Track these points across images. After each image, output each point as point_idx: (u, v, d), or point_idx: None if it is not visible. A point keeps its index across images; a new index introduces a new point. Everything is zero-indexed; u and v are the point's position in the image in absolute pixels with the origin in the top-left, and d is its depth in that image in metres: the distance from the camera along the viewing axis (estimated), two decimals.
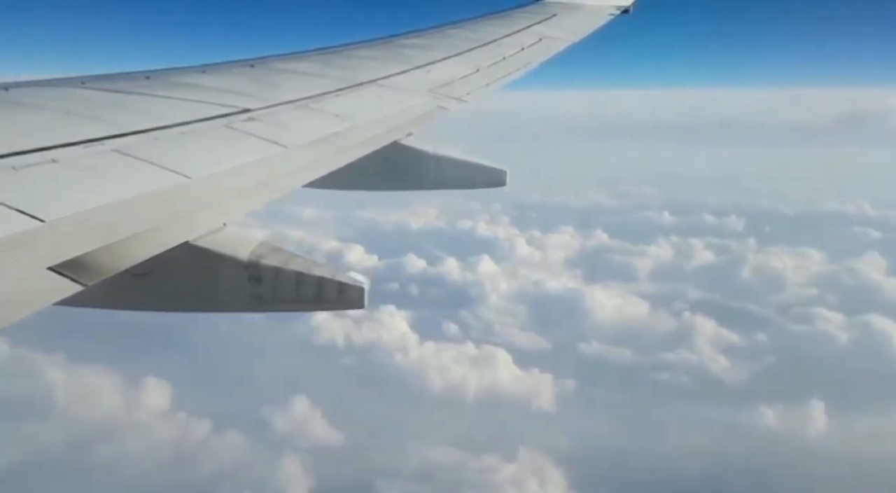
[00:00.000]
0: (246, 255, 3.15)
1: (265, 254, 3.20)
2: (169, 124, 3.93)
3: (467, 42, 8.06)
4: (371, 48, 7.50)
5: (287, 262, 3.22)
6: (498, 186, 5.74)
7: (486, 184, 5.75)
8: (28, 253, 2.28)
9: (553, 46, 8.47)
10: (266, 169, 3.78)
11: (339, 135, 4.62)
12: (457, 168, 5.64)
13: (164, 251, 2.72)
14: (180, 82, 5.09)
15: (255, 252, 3.18)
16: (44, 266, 2.25)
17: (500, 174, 5.74)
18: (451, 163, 5.60)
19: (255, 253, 3.18)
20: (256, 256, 3.17)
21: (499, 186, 5.74)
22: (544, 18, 9.71)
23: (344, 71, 6.23)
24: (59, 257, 2.32)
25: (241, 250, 3.16)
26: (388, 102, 5.69)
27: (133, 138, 3.58)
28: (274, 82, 5.53)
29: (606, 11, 10.48)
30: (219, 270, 3.11)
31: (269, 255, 3.21)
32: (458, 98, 6.19)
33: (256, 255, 3.17)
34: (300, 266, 3.22)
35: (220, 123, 4.22)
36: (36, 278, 2.20)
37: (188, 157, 3.55)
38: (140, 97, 4.52)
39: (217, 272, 3.11)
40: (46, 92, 4.38)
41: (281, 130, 4.37)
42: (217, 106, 4.51)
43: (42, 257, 2.29)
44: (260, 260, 3.16)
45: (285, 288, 3.20)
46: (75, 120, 3.76)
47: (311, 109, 5.00)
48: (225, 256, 3.09)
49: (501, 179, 5.73)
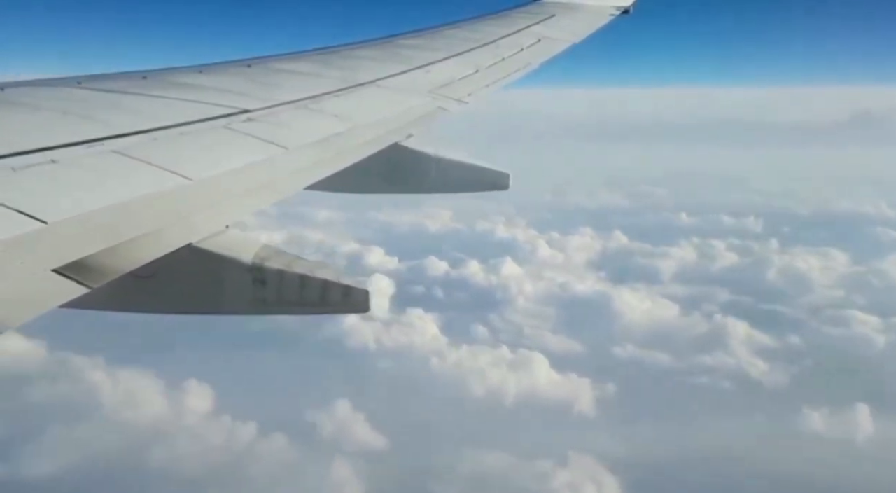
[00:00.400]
0: (249, 257, 3.12)
1: (269, 256, 3.17)
2: (168, 125, 3.90)
3: (467, 42, 8.03)
4: (370, 48, 7.47)
5: (291, 264, 3.19)
6: (500, 189, 5.69)
7: (488, 187, 5.70)
8: (31, 255, 2.24)
9: (553, 47, 8.45)
10: (267, 171, 3.74)
11: (340, 136, 4.58)
12: (459, 171, 5.59)
13: (167, 253, 2.69)
14: (178, 82, 5.04)
15: (259, 255, 3.15)
16: (48, 268, 2.21)
17: (503, 177, 5.69)
18: (453, 165, 5.55)
19: (259, 255, 3.14)
20: (260, 258, 3.14)
21: (501, 189, 5.69)
22: (543, 19, 9.69)
23: (343, 71, 6.20)
24: (62, 259, 2.28)
25: (244, 253, 3.12)
26: (388, 103, 5.66)
27: (132, 139, 3.54)
28: (273, 83, 5.49)
29: (606, 12, 10.47)
30: (222, 272, 3.07)
31: (272, 257, 3.18)
32: (459, 99, 6.15)
33: (260, 257, 3.14)
34: (304, 269, 3.19)
35: (219, 123, 4.18)
36: (40, 280, 2.16)
37: (188, 158, 3.52)
38: (137, 97, 4.48)
39: (221, 275, 3.08)
40: (42, 92, 4.33)
41: (280, 130, 4.33)
42: (216, 106, 4.47)
43: (45, 258, 2.25)
44: (264, 263, 3.13)
45: (289, 291, 3.17)
46: (73, 120, 3.72)
47: (310, 109, 4.97)
48: (228, 258, 3.06)
49: (504, 182, 5.68)
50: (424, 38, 8.14)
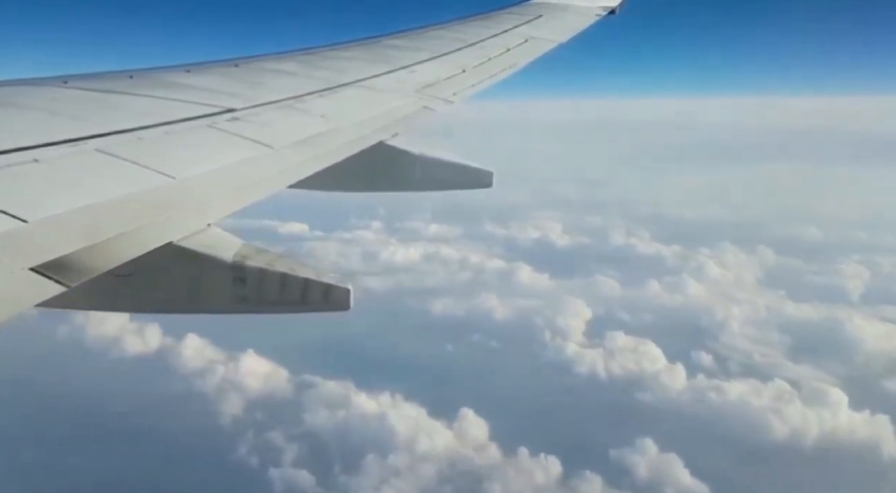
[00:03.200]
0: (230, 256, 3.14)
1: (250, 255, 3.19)
2: (153, 124, 3.91)
3: (453, 43, 8.06)
4: (356, 49, 7.49)
5: (272, 263, 3.21)
6: (484, 187, 5.73)
7: (471, 185, 5.74)
8: (10, 254, 2.27)
9: (539, 47, 8.50)
10: (251, 169, 3.76)
11: (325, 135, 4.61)
12: (442, 169, 5.63)
13: (147, 252, 2.71)
14: (164, 82, 5.06)
15: (240, 253, 3.17)
16: (26, 267, 2.24)
17: (487, 175, 5.73)
18: (437, 163, 5.59)
19: (240, 254, 3.17)
20: (241, 256, 3.16)
21: (485, 187, 5.73)
22: (530, 19, 9.74)
23: (329, 71, 6.22)
24: (41, 257, 2.30)
25: (225, 251, 3.14)
26: (374, 103, 5.69)
27: (116, 138, 3.56)
28: (258, 82, 5.51)
29: (593, 12, 10.52)
30: (202, 271, 3.09)
31: (253, 256, 3.20)
32: (444, 99, 6.19)
33: (241, 256, 3.16)
34: (285, 267, 3.22)
35: (204, 122, 4.20)
36: (18, 279, 2.18)
37: (172, 157, 3.54)
38: (123, 97, 4.49)
39: (201, 273, 3.10)
40: (28, 91, 4.34)
41: (266, 130, 4.35)
42: (201, 106, 4.49)
43: (24, 257, 2.27)
44: (244, 261, 3.15)
45: (269, 289, 3.19)
46: (58, 119, 3.73)
47: (295, 109, 4.99)
48: (209, 256, 3.08)
49: (487, 180, 5.72)
50: (411, 39, 8.17)
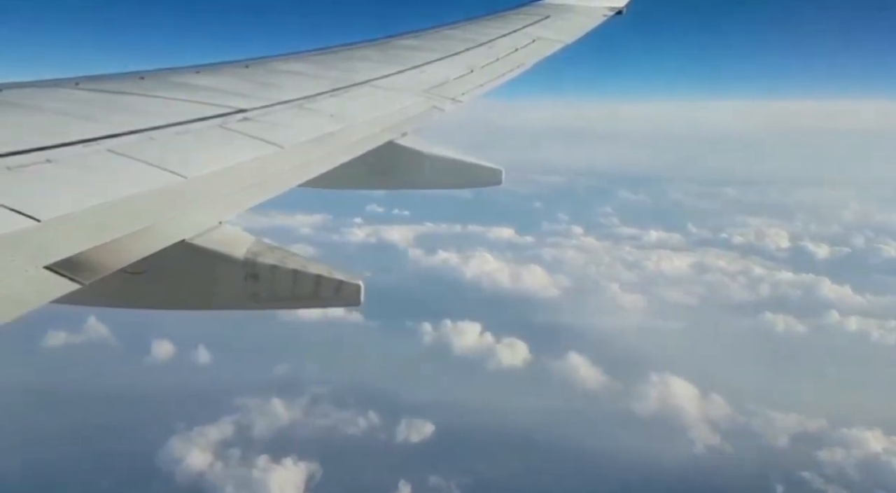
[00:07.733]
0: (242, 253, 3.16)
1: (261, 252, 3.21)
2: (164, 124, 3.94)
3: (462, 43, 8.08)
4: (366, 49, 7.51)
5: (284, 259, 3.23)
6: (493, 185, 5.72)
7: (481, 183, 5.74)
8: (24, 252, 2.29)
9: (547, 47, 8.50)
10: (261, 168, 3.78)
11: (335, 135, 4.62)
12: (452, 167, 5.62)
13: (160, 250, 2.73)
14: (175, 83, 5.09)
15: (252, 250, 3.19)
16: (40, 265, 2.26)
17: (496, 174, 5.72)
18: (446, 162, 5.58)
19: (252, 251, 3.19)
20: (253, 253, 3.18)
21: (494, 185, 5.72)
22: (538, 20, 9.74)
23: (339, 71, 6.24)
24: (55, 255, 2.32)
25: (237, 249, 3.16)
26: (383, 103, 5.70)
27: (128, 138, 3.58)
28: (269, 83, 5.53)
29: (600, 12, 10.51)
30: (215, 268, 3.11)
31: (265, 253, 3.22)
32: (453, 98, 6.19)
33: (253, 253, 3.18)
34: (297, 263, 3.23)
35: (215, 123, 4.22)
36: (33, 277, 2.21)
37: (183, 157, 3.56)
38: (135, 98, 4.52)
39: (213, 270, 3.12)
40: (41, 93, 4.37)
41: (276, 130, 4.37)
42: (212, 106, 4.51)
43: (38, 255, 2.30)
44: (256, 258, 3.17)
45: (282, 286, 3.21)
46: (70, 120, 3.76)
47: (306, 109, 5.01)
48: (221, 254, 3.10)
49: (497, 178, 5.71)
50: (421, 39, 8.19)
